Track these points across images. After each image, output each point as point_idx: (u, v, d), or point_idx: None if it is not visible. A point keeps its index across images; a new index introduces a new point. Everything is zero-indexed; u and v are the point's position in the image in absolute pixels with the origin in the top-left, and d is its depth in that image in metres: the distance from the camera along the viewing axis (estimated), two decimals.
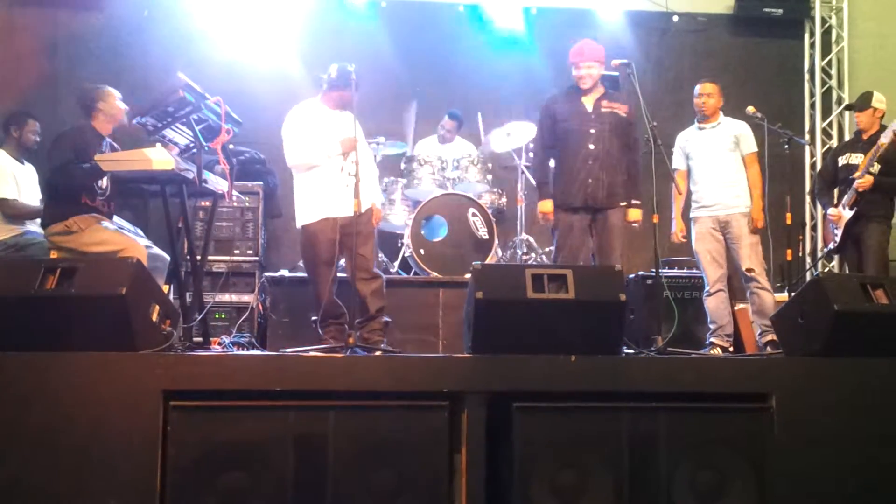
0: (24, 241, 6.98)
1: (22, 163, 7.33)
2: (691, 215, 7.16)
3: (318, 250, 6.42)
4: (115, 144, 6.39)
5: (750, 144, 7.10)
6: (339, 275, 6.57)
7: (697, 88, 7.22)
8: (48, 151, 6.21)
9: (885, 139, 7.21)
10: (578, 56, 6.79)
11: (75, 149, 5.99)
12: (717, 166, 7.04)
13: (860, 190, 7.27)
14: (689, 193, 7.19)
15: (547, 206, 6.76)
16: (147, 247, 6.16)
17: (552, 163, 6.91)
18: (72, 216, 5.96)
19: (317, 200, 6.44)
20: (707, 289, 6.99)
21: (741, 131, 7.11)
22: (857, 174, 7.33)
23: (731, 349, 6.95)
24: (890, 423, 4.52)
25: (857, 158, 7.57)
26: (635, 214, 6.77)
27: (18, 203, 7.08)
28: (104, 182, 6.10)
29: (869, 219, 7.36)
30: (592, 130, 6.68)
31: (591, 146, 6.65)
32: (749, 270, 6.82)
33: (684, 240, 7.19)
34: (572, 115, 6.76)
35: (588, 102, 6.75)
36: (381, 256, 7.76)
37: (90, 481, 3.99)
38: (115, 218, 6.34)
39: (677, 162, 7.27)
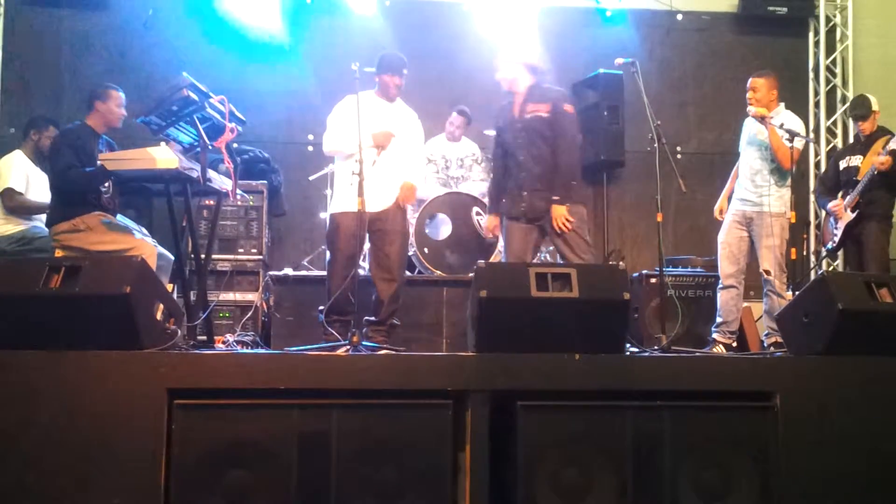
0: (30, 235, 7.03)
1: (36, 166, 7.35)
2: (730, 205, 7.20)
3: (337, 241, 6.44)
4: (112, 142, 6.40)
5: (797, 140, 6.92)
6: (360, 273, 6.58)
7: (748, 81, 7.13)
8: (49, 156, 6.23)
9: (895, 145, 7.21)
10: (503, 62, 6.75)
11: (75, 150, 6.00)
12: (749, 159, 7.02)
13: (881, 168, 7.22)
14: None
15: (491, 221, 6.83)
16: (153, 246, 6.16)
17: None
18: (78, 215, 5.97)
19: (346, 191, 6.42)
20: (720, 282, 7.02)
21: (789, 125, 6.89)
22: (861, 177, 7.33)
23: (734, 345, 6.93)
24: (894, 422, 4.52)
25: (857, 160, 7.59)
26: (556, 211, 6.43)
27: (23, 197, 7.11)
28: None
29: (869, 218, 7.36)
30: (520, 140, 6.55)
31: (521, 157, 6.53)
32: (765, 272, 6.80)
33: (721, 218, 7.21)
34: (506, 126, 6.68)
35: (516, 110, 6.62)
36: None
37: (94, 480, 3.99)
38: (120, 216, 6.34)
39: (739, 146, 7.31)
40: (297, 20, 9.57)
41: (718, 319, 6.93)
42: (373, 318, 6.50)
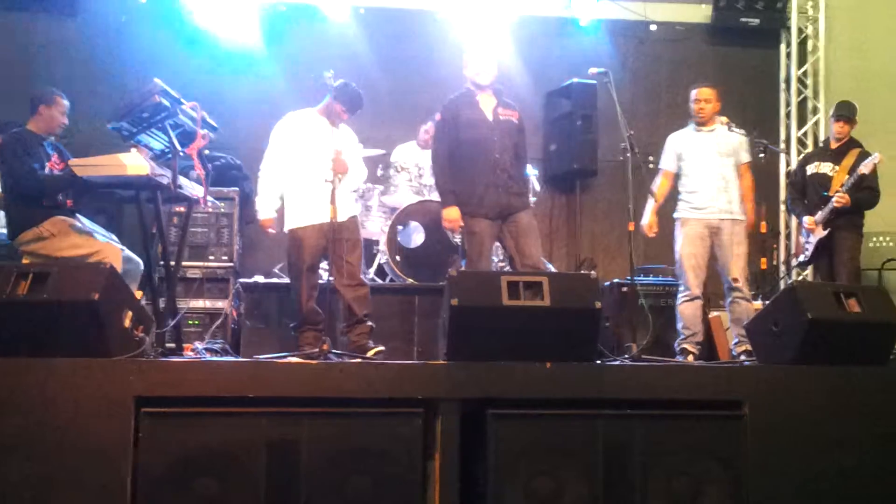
0: None
1: None
2: (679, 215, 7.07)
3: (302, 255, 6.40)
4: (59, 145, 6.33)
5: (746, 154, 7.05)
6: (320, 282, 6.56)
7: (694, 93, 7.11)
8: (1, 163, 6.13)
9: (865, 170, 7.24)
10: (483, 49, 6.87)
11: (29, 155, 5.94)
12: (712, 171, 6.97)
13: (838, 206, 7.28)
14: (675, 193, 7.13)
15: (454, 213, 6.54)
16: (120, 249, 6.11)
17: None
18: (42, 222, 5.88)
19: (305, 205, 6.43)
20: (685, 294, 6.90)
21: (739, 139, 7.04)
22: (832, 193, 7.36)
23: (697, 354, 6.93)
24: (862, 430, 4.56)
25: (825, 167, 7.61)
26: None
27: None
28: None
29: (840, 228, 7.39)
30: (496, 138, 6.59)
31: (497, 155, 6.56)
32: (735, 280, 6.79)
33: (654, 235, 7.07)
34: (475, 122, 6.65)
35: (487, 109, 6.67)
36: None
37: (61, 488, 3.96)
38: (85, 220, 6.27)
39: (667, 162, 7.17)
40: (272, 26, 9.55)
41: (686, 332, 6.85)
42: (350, 322, 6.46)
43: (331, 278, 6.29)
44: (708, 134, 7.06)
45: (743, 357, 6.52)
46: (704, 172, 7.00)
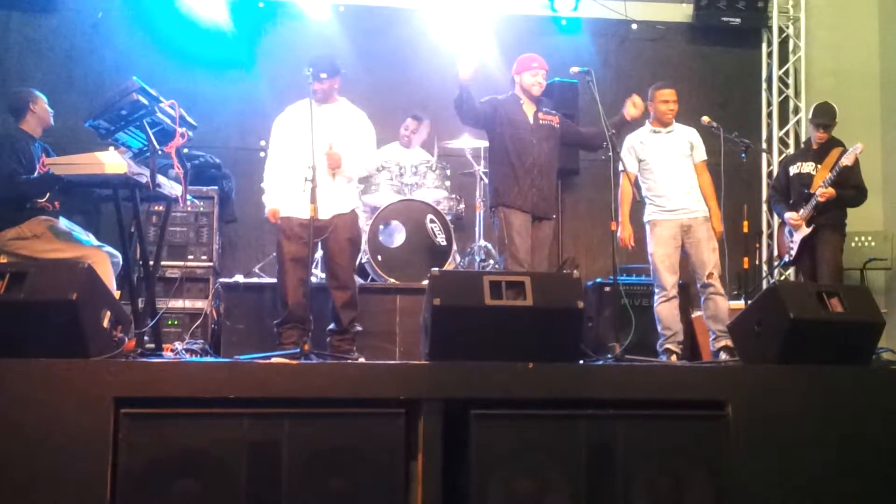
0: None
1: None
2: (649, 219, 7.08)
3: (282, 245, 6.38)
4: (47, 146, 6.30)
5: (702, 152, 7.11)
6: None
7: (659, 93, 7.12)
8: None
9: (847, 161, 7.26)
10: (535, 62, 6.89)
11: (17, 156, 5.89)
12: (676, 171, 6.99)
13: (822, 200, 7.29)
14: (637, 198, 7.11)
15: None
16: (99, 246, 6.05)
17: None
18: (22, 222, 5.86)
19: (289, 195, 6.39)
20: (662, 294, 6.91)
21: (694, 138, 7.10)
22: (814, 190, 7.37)
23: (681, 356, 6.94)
24: (845, 430, 4.55)
25: (809, 167, 7.62)
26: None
27: None
28: None
29: (823, 227, 7.40)
30: (534, 141, 6.78)
31: (535, 155, 6.77)
32: (710, 276, 6.79)
33: (634, 246, 7.11)
34: (517, 122, 6.83)
35: (529, 112, 6.87)
36: None
37: (39, 490, 3.91)
38: (64, 220, 6.22)
39: (629, 165, 7.09)
40: (250, 24, 9.50)
41: (667, 332, 6.85)
42: (335, 328, 6.44)
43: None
44: (667, 135, 7.08)
45: (724, 353, 6.54)
46: (668, 176, 7.03)
